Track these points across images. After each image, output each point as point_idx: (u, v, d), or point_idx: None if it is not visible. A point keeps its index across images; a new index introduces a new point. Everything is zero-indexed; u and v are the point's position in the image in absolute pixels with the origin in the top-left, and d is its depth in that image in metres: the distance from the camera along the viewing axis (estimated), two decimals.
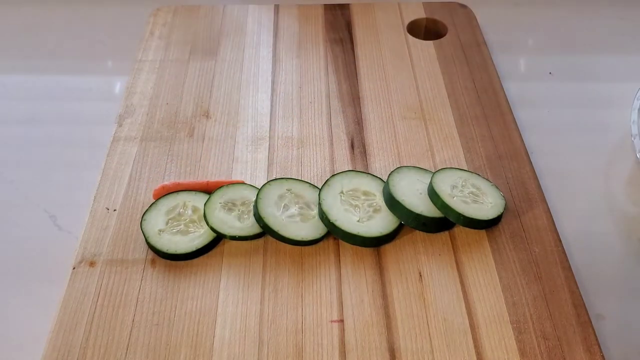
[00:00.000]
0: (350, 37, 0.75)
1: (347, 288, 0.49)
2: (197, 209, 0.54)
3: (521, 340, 0.46)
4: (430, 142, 0.61)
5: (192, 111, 0.65)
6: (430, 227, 0.53)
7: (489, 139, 0.62)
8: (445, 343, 0.46)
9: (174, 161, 0.59)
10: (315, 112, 0.65)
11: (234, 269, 0.51)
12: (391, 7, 0.80)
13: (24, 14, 0.82)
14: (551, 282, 0.49)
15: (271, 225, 0.51)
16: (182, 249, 0.51)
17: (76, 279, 0.49)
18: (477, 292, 0.49)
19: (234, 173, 0.58)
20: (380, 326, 0.47)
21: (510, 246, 0.52)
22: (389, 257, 0.51)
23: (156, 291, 0.49)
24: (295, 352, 0.45)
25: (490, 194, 0.55)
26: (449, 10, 0.79)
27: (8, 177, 0.61)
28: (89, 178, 0.58)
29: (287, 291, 0.49)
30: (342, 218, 0.52)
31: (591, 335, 0.46)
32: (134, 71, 0.69)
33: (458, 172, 0.56)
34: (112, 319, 0.47)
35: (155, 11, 0.78)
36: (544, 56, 0.78)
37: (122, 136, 0.62)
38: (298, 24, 0.77)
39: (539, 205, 0.56)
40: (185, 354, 0.45)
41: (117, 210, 0.55)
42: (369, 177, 0.56)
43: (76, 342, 0.46)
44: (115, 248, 0.52)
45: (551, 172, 0.61)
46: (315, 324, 0.47)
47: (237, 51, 0.73)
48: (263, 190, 0.53)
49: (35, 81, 0.73)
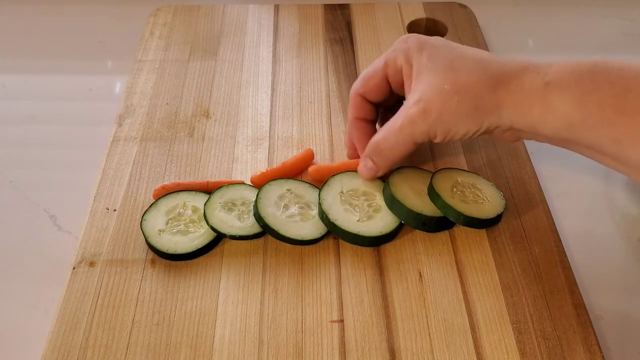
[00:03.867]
0: (350, 37, 0.75)
1: (347, 288, 0.49)
2: (197, 209, 0.54)
3: (521, 340, 0.46)
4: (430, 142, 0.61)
5: (192, 111, 0.65)
6: (430, 227, 0.53)
7: (489, 139, 0.62)
8: (445, 343, 0.46)
9: (174, 161, 0.59)
10: (315, 112, 0.65)
11: (234, 269, 0.51)
12: (391, 7, 0.80)
13: (24, 14, 0.82)
14: (551, 282, 0.49)
15: (271, 224, 0.51)
16: (182, 249, 0.51)
17: (76, 279, 0.49)
18: (477, 292, 0.49)
19: (234, 173, 0.58)
20: (380, 326, 0.47)
21: (510, 246, 0.52)
22: (389, 257, 0.51)
23: (156, 291, 0.49)
24: (295, 352, 0.45)
25: (490, 194, 0.55)
26: (449, 10, 0.79)
27: (8, 177, 0.61)
28: (89, 178, 0.58)
29: (287, 291, 0.49)
30: (342, 218, 0.52)
31: (591, 335, 0.46)
32: (134, 71, 0.69)
33: (458, 172, 0.56)
34: (112, 319, 0.47)
35: (155, 11, 0.78)
36: (544, 56, 0.78)
37: (122, 136, 0.62)
38: (298, 24, 0.77)
39: (539, 205, 0.56)
40: (185, 354, 0.45)
41: (117, 210, 0.55)
42: None
43: (76, 342, 0.46)
44: (115, 248, 0.52)
45: (551, 172, 0.61)
46: (315, 324, 0.47)
47: (237, 51, 0.73)
48: (263, 190, 0.53)
49: (35, 81, 0.73)
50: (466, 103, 0.48)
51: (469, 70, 0.48)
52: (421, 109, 0.48)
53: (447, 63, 0.49)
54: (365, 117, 0.55)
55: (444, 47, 0.50)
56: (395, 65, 0.52)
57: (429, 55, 0.50)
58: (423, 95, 0.48)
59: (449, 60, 0.49)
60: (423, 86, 0.49)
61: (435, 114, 0.48)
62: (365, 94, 0.54)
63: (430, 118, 0.48)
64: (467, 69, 0.48)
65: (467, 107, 0.48)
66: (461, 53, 0.50)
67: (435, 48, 0.50)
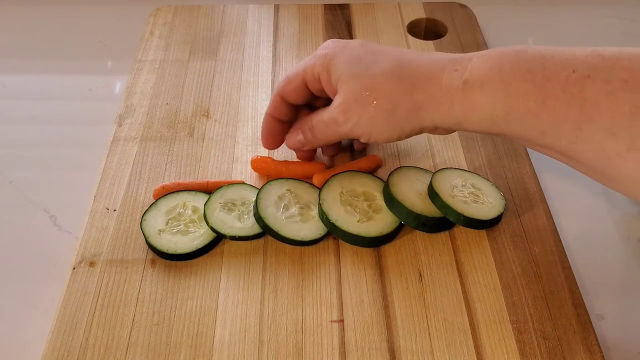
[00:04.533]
0: (350, 37, 0.75)
1: (347, 288, 0.49)
2: (197, 209, 0.54)
3: (521, 340, 0.46)
4: (430, 142, 0.61)
5: (192, 111, 0.65)
6: (430, 227, 0.53)
7: (489, 139, 0.62)
8: (445, 343, 0.46)
9: (174, 161, 0.59)
10: None
11: (234, 269, 0.51)
12: (391, 7, 0.80)
13: (24, 14, 0.82)
14: (551, 282, 0.49)
15: (271, 225, 0.51)
16: (182, 249, 0.51)
17: (76, 279, 0.49)
18: (477, 292, 0.49)
19: (234, 173, 0.58)
20: (380, 326, 0.47)
21: (510, 246, 0.52)
22: (389, 257, 0.51)
23: (156, 291, 0.49)
24: (295, 352, 0.45)
25: (490, 194, 0.55)
26: (449, 10, 0.79)
27: (8, 177, 0.61)
28: (89, 178, 0.58)
29: (287, 291, 0.49)
30: (342, 218, 0.52)
31: (591, 335, 0.46)
32: (134, 71, 0.69)
33: (458, 172, 0.56)
34: (112, 319, 0.47)
35: (155, 11, 0.78)
36: None
37: (122, 136, 0.62)
38: (298, 24, 0.77)
39: (539, 205, 0.56)
40: (185, 354, 0.45)
41: (117, 211, 0.55)
42: (369, 177, 0.56)
43: (76, 342, 0.46)
44: (115, 248, 0.52)
45: (551, 172, 0.61)
46: (315, 324, 0.47)
47: (237, 51, 0.73)
48: (263, 191, 0.53)
49: (35, 81, 0.73)
50: (383, 109, 0.48)
51: (385, 77, 0.48)
52: (342, 113, 0.50)
53: (365, 69, 0.49)
54: (280, 117, 0.56)
55: (362, 52, 0.50)
56: (313, 73, 0.52)
57: (348, 62, 0.50)
58: (344, 100, 0.50)
59: (366, 66, 0.49)
60: (344, 92, 0.50)
61: (355, 119, 0.49)
62: (284, 95, 0.54)
63: (350, 123, 0.50)
64: (383, 75, 0.48)
65: (385, 114, 0.48)
66: (378, 57, 0.50)
67: (353, 53, 0.50)
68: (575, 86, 0.41)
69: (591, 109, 0.40)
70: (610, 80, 0.40)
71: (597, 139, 0.40)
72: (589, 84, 0.40)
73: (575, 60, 0.42)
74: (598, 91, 0.40)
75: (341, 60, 0.50)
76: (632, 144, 0.39)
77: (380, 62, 0.49)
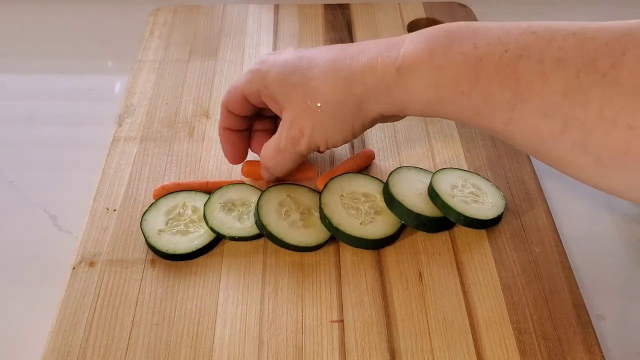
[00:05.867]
0: (350, 37, 0.75)
1: (347, 288, 0.49)
2: (197, 209, 0.54)
3: (521, 340, 0.46)
4: (430, 142, 0.61)
5: (192, 111, 0.65)
6: (430, 227, 0.53)
7: (489, 138, 0.62)
8: (445, 343, 0.46)
9: (174, 161, 0.59)
10: None
11: (234, 269, 0.51)
12: (391, 7, 0.80)
13: (24, 14, 0.82)
14: (551, 282, 0.49)
15: (275, 233, 0.51)
16: (182, 249, 0.51)
17: (76, 279, 0.49)
18: (477, 292, 0.49)
19: (234, 173, 0.58)
20: (380, 326, 0.47)
21: (510, 246, 0.52)
22: (389, 257, 0.51)
23: (156, 291, 0.49)
24: (295, 352, 0.45)
25: (490, 194, 0.55)
26: (449, 10, 0.79)
27: (8, 177, 0.61)
28: (89, 178, 0.58)
29: (287, 291, 0.49)
30: (344, 222, 0.51)
31: (591, 335, 0.46)
32: (134, 71, 0.69)
33: (458, 172, 0.56)
34: (112, 319, 0.47)
35: (155, 11, 0.78)
36: None
37: (122, 136, 0.62)
38: (298, 24, 0.77)
39: (539, 205, 0.56)
40: (185, 354, 0.45)
41: (117, 211, 0.55)
42: (368, 178, 0.56)
43: (76, 342, 0.46)
44: (115, 248, 0.52)
45: (551, 172, 0.61)
46: (315, 324, 0.47)
47: (237, 51, 0.73)
48: (263, 198, 0.53)
49: (35, 81, 0.73)
50: (329, 113, 0.48)
51: (323, 79, 0.48)
52: (296, 128, 0.49)
53: (301, 77, 0.49)
54: (231, 127, 0.55)
55: (296, 58, 0.50)
56: (251, 89, 0.51)
57: (283, 72, 0.49)
58: (294, 114, 0.49)
59: (302, 73, 0.49)
60: (292, 106, 0.49)
61: (309, 130, 0.49)
62: (228, 108, 0.54)
63: (306, 135, 0.49)
64: (321, 79, 0.48)
65: (332, 116, 0.48)
66: (312, 60, 0.49)
67: (287, 63, 0.50)
68: (508, 66, 0.40)
69: (525, 90, 0.39)
70: (542, 60, 0.39)
71: (531, 120, 0.40)
72: (522, 63, 0.39)
73: (508, 38, 0.41)
74: (532, 72, 0.39)
75: (276, 71, 0.49)
76: (565, 125, 0.38)
77: (315, 66, 0.49)
